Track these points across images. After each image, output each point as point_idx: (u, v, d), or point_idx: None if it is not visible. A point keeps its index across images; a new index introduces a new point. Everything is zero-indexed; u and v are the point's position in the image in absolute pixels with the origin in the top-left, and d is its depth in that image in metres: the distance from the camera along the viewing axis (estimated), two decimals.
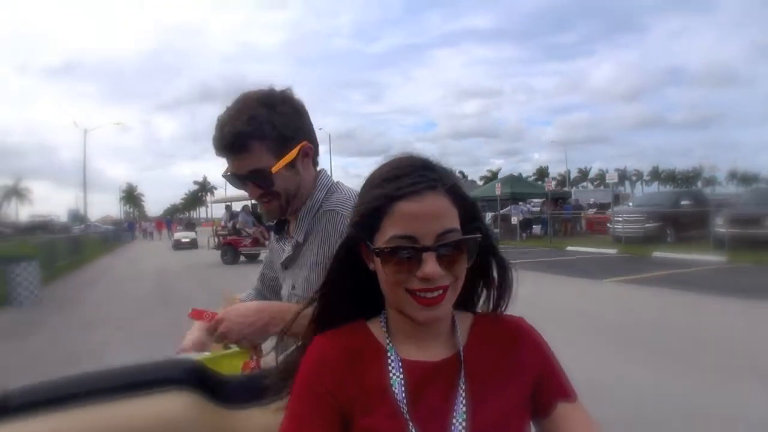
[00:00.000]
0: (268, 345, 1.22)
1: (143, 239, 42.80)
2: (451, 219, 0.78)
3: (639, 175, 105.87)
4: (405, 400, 0.78)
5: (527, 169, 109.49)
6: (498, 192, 21.99)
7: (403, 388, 0.79)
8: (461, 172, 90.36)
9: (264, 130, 1.20)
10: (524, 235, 20.22)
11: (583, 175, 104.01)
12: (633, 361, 4.76)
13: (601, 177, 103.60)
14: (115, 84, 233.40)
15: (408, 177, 0.78)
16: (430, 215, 0.76)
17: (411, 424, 0.75)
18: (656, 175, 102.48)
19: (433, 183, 0.77)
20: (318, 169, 1.36)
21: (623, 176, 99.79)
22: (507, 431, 0.79)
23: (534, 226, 21.08)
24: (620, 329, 6.08)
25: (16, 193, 74.73)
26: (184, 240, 25.95)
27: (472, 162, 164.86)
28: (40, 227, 55.91)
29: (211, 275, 13.19)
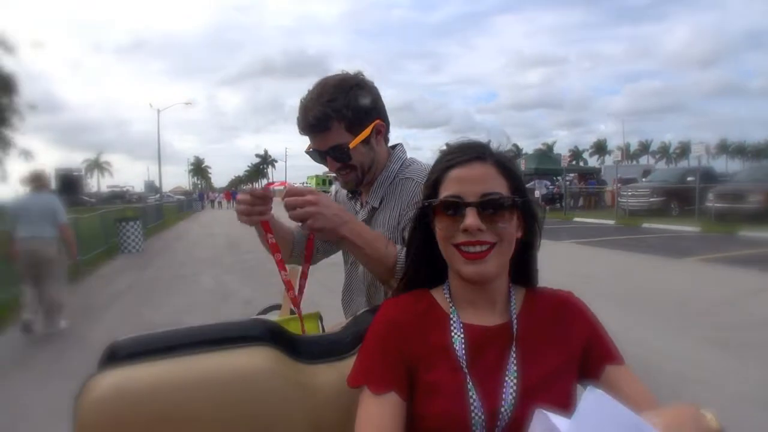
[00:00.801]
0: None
1: (211, 208, 46.92)
2: (496, 185, 0.89)
3: (706, 148, 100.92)
4: (465, 358, 0.87)
5: (588, 141, 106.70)
6: (523, 167, 23.83)
7: (463, 347, 0.88)
8: (515, 145, 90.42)
9: (341, 112, 1.32)
10: (548, 208, 22.16)
11: (644, 147, 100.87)
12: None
13: (664, 149, 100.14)
14: (182, 60, 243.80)
15: (462, 151, 0.93)
16: (475, 179, 0.88)
17: (469, 378, 0.85)
18: (724, 148, 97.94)
19: (482, 154, 0.91)
20: (395, 143, 1.49)
21: (686, 149, 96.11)
22: (553, 389, 0.86)
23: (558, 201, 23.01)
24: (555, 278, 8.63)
25: (98, 165, 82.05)
26: None
27: (534, 134, 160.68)
28: (119, 197, 60.21)
29: None
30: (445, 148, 0.99)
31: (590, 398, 0.61)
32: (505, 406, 0.83)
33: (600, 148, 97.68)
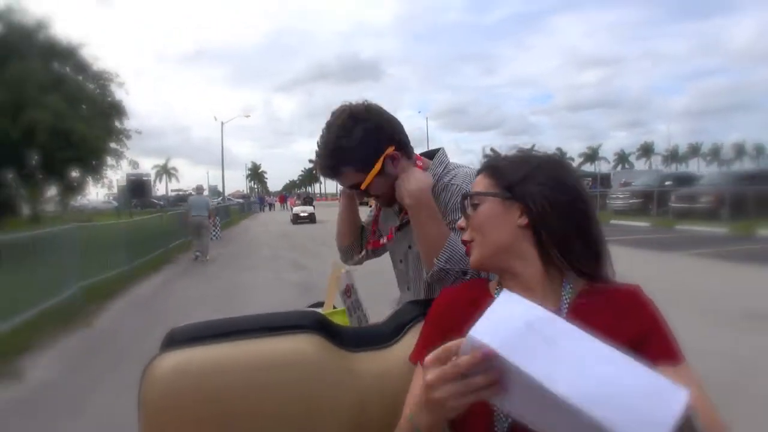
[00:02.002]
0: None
1: (269, 211, 53.30)
2: (480, 187, 0.99)
3: (741, 150, 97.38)
4: None
5: (650, 142, 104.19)
6: None
7: None
8: (559, 149, 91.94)
9: (347, 158, 1.37)
10: None
11: (694, 150, 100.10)
12: None
13: (715, 151, 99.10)
14: (240, 67, 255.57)
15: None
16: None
17: None
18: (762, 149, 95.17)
19: (480, 169, 1.03)
20: (436, 148, 1.56)
21: (740, 151, 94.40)
22: None
23: None
24: None
25: (166, 171, 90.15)
26: (302, 214, 26.97)
27: (590, 136, 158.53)
28: (184, 200, 66.87)
29: (308, 227, 22.38)
30: (490, 151, 1.13)
31: (502, 298, 0.69)
32: None
33: (647, 151, 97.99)
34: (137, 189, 36.59)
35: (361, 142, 1.36)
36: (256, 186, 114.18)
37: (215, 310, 6.43)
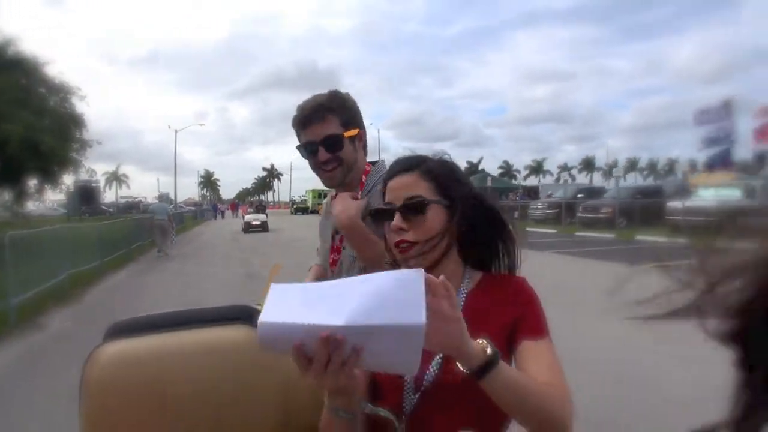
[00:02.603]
0: None
1: (221, 219, 54.19)
2: (418, 189, 1.05)
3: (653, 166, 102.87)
4: None
5: (599, 156, 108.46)
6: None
7: None
8: (506, 161, 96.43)
9: (337, 107, 1.56)
10: None
11: (632, 164, 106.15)
12: None
13: (651, 166, 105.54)
14: (195, 72, 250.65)
15: (395, 164, 1.12)
16: (400, 187, 1.06)
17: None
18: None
19: (408, 166, 1.08)
20: (376, 160, 1.69)
21: (673, 166, 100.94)
22: None
23: None
24: None
25: (116, 177, 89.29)
26: (254, 223, 26.45)
27: (543, 148, 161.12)
28: (134, 207, 66.02)
29: (254, 233, 24.18)
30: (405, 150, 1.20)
31: (273, 288, 0.80)
32: (431, 370, 0.98)
33: (588, 165, 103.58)
34: (86, 196, 36.70)
35: (351, 107, 1.61)
36: (208, 193, 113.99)
37: (175, 293, 8.79)
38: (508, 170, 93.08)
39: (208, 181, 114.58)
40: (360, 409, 0.92)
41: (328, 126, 1.55)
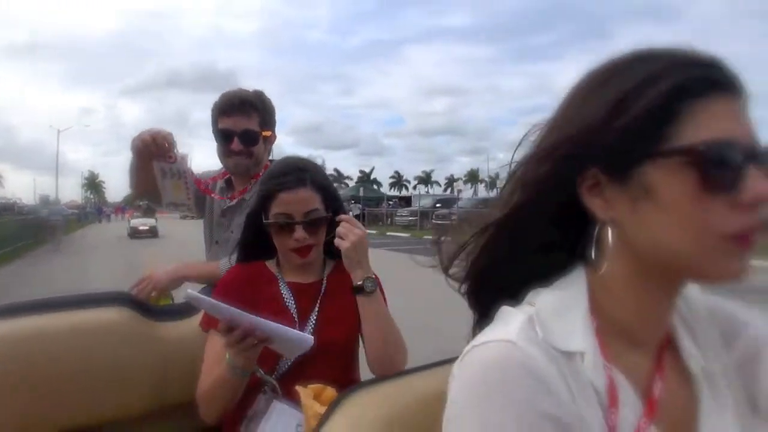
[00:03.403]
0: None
1: (107, 222, 54.13)
2: (314, 203, 1.23)
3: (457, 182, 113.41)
4: (293, 300, 1.26)
5: (491, 167, 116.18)
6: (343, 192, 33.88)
7: (291, 294, 1.27)
8: (397, 172, 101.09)
9: (261, 107, 1.72)
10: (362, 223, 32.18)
11: (494, 178, 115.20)
12: None
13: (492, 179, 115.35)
14: (82, 65, 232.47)
15: (288, 175, 1.23)
16: (300, 201, 1.22)
17: (296, 316, 1.24)
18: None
19: (303, 179, 1.23)
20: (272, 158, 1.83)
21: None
22: (345, 325, 1.26)
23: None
24: None
25: None
26: (142, 228, 25.27)
27: (438, 160, 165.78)
28: (8, 209, 62.46)
29: (140, 236, 25.55)
30: (276, 163, 1.36)
31: (192, 295, 1.03)
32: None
33: (473, 177, 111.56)
34: None
35: (272, 111, 1.81)
36: (92, 196, 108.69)
37: (67, 276, 11.21)
38: (399, 180, 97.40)
39: (93, 183, 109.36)
40: (253, 371, 1.12)
41: (249, 121, 1.71)
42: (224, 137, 1.71)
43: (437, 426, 0.53)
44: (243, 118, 1.70)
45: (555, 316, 0.55)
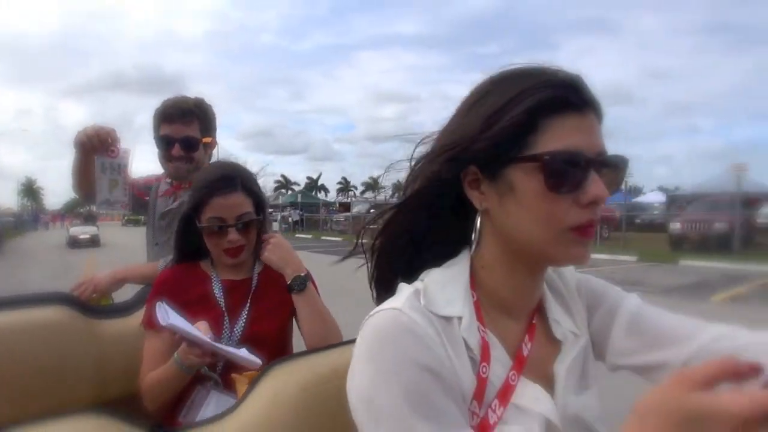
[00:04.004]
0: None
1: (45, 231, 52.02)
2: (246, 206, 1.28)
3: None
4: (222, 297, 1.29)
5: None
6: (280, 200, 34.90)
7: (221, 292, 1.30)
8: (344, 178, 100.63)
9: (201, 115, 1.75)
10: (300, 228, 32.56)
11: None
12: None
13: None
14: (18, 65, 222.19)
15: (220, 181, 1.26)
16: (232, 206, 1.26)
17: (225, 312, 1.28)
18: None
19: (235, 185, 1.26)
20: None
21: None
22: (276, 318, 1.31)
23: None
24: None
25: None
26: (82, 237, 23.55)
27: (390, 165, 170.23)
28: None
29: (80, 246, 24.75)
30: (209, 167, 1.46)
31: (161, 307, 1.11)
32: (237, 328, 1.26)
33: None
34: None
35: (212, 117, 1.84)
36: (29, 203, 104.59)
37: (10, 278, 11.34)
38: (346, 185, 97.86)
39: (30, 189, 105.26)
40: (198, 368, 1.17)
41: (190, 129, 1.73)
42: (165, 143, 1.74)
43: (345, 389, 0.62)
44: (184, 125, 1.73)
45: (439, 288, 0.65)
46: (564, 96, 0.62)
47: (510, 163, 0.63)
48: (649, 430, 0.43)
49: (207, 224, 1.27)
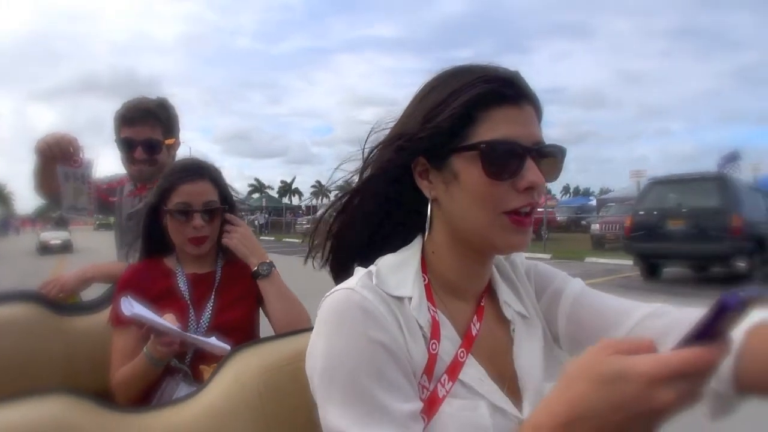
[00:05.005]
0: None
1: (16, 234, 51.22)
2: (212, 195, 1.28)
3: None
4: (188, 291, 1.28)
5: None
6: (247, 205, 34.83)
7: (186, 286, 1.29)
8: (318, 181, 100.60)
9: (163, 116, 1.68)
10: (265, 231, 32.50)
11: None
12: None
13: None
14: None
15: (188, 170, 1.29)
16: (199, 192, 1.27)
17: (190, 304, 1.28)
18: None
19: (202, 173, 1.28)
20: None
21: None
22: (242, 308, 1.31)
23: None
24: None
25: None
26: (53, 242, 21.74)
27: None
28: None
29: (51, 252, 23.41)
30: (177, 162, 1.47)
31: (125, 300, 1.11)
32: (203, 319, 1.28)
33: None
34: None
35: (174, 118, 1.76)
36: (0, 208, 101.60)
37: None
38: (320, 189, 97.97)
39: (0, 195, 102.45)
40: (168, 360, 1.17)
41: (152, 131, 1.67)
42: (127, 146, 1.67)
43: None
44: (144, 128, 1.66)
45: (391, 271, 0.68)
46: (500, 90, 0.65)
47: (452, 153, 0.66)
48: (575, 389, 0.47)
49: (173, 208, 1.26)
